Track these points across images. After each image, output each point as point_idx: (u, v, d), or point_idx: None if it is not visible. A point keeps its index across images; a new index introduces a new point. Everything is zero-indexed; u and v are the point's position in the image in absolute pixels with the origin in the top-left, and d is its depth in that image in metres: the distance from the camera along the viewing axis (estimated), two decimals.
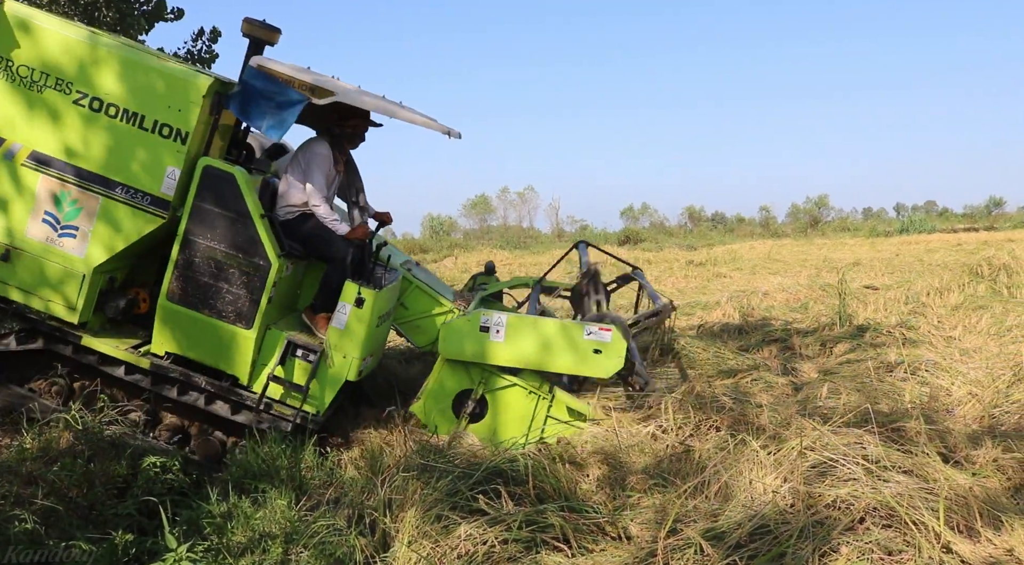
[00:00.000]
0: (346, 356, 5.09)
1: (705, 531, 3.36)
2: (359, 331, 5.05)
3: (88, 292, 5.03)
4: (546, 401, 5.23)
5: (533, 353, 5.14)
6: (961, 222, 55.32)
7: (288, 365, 5.09)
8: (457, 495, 3.75)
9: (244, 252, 4.93)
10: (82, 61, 4.88)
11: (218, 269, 4.95)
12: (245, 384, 5.13)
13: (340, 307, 5.06)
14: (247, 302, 4.96)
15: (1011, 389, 5.48)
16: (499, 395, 5.27)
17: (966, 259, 15.63)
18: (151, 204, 4.95)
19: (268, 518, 3.83)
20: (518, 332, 5.15)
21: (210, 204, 4.91)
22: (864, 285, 12.95)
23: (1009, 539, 3.24)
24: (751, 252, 25.07)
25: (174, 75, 4.89)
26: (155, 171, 4.92)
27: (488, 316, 5.17)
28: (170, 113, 4.86)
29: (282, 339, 5.08)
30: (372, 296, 5.03)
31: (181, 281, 4.97)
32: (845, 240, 33.29)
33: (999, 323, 8.05)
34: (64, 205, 4.99)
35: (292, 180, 5.32)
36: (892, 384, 5.95)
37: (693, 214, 66.37)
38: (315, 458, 4.78)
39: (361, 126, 5.52)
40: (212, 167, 4.92)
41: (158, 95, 4.86)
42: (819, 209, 63.60)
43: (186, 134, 4.86)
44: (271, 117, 4.95)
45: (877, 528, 3.35)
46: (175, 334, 5.08)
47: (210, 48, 10.40)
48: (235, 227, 4.91)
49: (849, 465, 3.74)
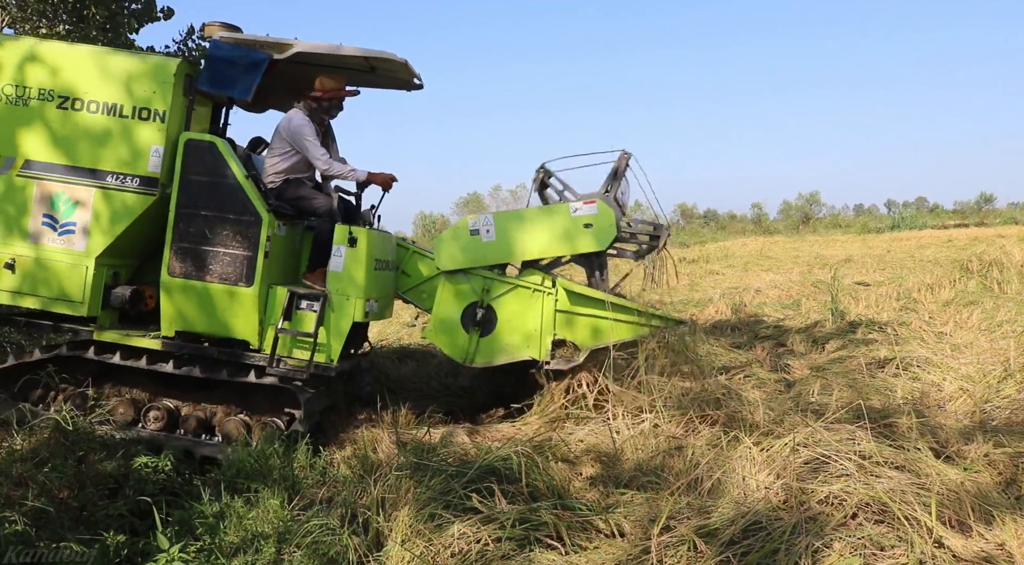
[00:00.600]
0: (349, 297, 5.22)
1: (698, 528, 3.36)
2: (357, 270, 5.21)
3: (93, 283, 5.21)
4: (552, 296, 5.25)
5: (527, 243, 5.24)
6: (952, 218, 55.56)
7: (294, 318, 5.19)
8: (450, 494, 3.74)
9: (234, 212, 5.15)
10: (60, 69, 5.25)
11: (212, 234, 5.15)
12: (256, 347, 5.24)
13: (335, 251, 5.25)
14: (244, 261, 5.13)
15: (1002, 384, 5.50)
16: (504, 301, 5.32)
17: (957, 255, 15.70)
18: (141, 185, 5.20)
19: (261, 518, 3.81)
20: (507, 227, 5.26)
21: (196, 174, 5.17)
22: (856, 281, 12.99)
23: (1000, 533, 3.26)
24: (743, 249, 25.12)
25: (144, 63, 5.24)
26: (140, 153, 5.19)
27: (475, 218, 5.29)
28: (146, 97, 5.18)
29: (284, 293, 5.18)
30: (363, 233, 5.23)
31: (179, 254, 5.17)
32: (837, 237, 33.38)
33: (990, 318, 8.08)
34: (60, 204, 5.24)
35: (275, 152, 5.56)
36: (884, 380, 5.96)
37: (685, 211, 66.52)
38: (308, 457, 4.76)
39: (335, 95, 5.67)
40: (193, 140, 5.21)
41: (133, 84, 5.20)
42: (811, 206, 63.78)
43: (164, 113, 5.17)
44: (239, 81, 5.28)
45: (869, 523, 3.36)
46: (181, 309, 5.20)
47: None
48: (222, 191, 5.16)
49: (841, 461, 3.75)
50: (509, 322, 5.31)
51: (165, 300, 5.19)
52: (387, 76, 5.92)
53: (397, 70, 5.71)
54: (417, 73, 5.75)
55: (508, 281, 5.30)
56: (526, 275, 5.33)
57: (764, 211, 64.96)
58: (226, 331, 5.22)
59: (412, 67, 5.62)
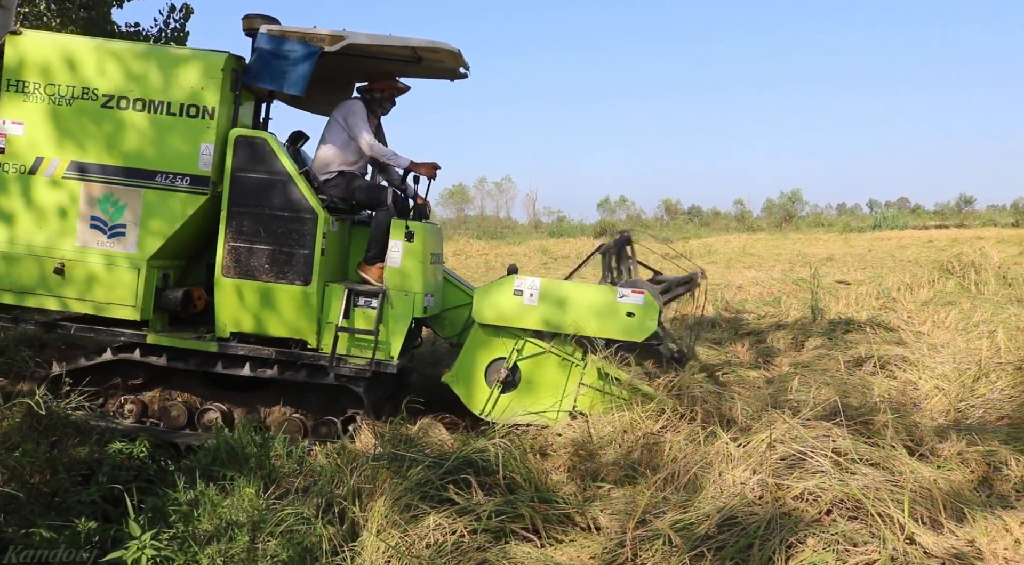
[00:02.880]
0: (408, 293, 5.21)
1: (674, 522, 3.37)
2: (415, 266, 5.21)
3: (145, 286, 5.12)
4: (579, 368, 5.19)
5: (566, 317, 5.13)
6: (932, 219, 56.09)
7: (353, 316, 5.15)
8: (427, 485, 3.73)
9: (289, 209, 5.06)
10: (102, 67, 5.12)
11: (267, 232, 5.06)
12: (314, 346, 5.18)
13: (392, 246, 5.23)
14: (301, 259, 5.05)
15: (976, 384, 5.56)
16: (532, 363, 5.25)
17: (936, 256, 15.83)
18: (192, 184, 5.09)
19: (236, 506, 3.78)
20: (551, 296, 5.15)
21: (248, 171, 5.07)
22: (837, 280, 13.09)
23: (971, 530, 3.29)
24: (726, 246, 25.25)
25: (189, 58, 5.10)
26: (190, 151, 5.08)
27: (522, 280, 5.19)
28: (193, 93, 5.06)
29: (342, 290, 5.13)
30: (421, 228, 5.24)
31: (233, 253, 5.09)
32: (819, 235, 33.61)
33: (966, 319, 8.17)
34: (108, 206, 5.14)
35: (329, 141, 5.53)
36: (862, 378, 6.01)
37: (669, 207, 66.79)
38: (285, 446, 4.73)
39: (389, 89, 5.74)
40: (243, 136, 5.10)
41: (178, 80, 5.07)
42: (793, 204, 64.20)
43: (212, 110, 5.05)
44: (290, 74, 5.14)
45: (843, 520, 3.38)
46: (237, 310, 5.13)
47: (183, 27, 10.24)
48: (276, 188, 5.06)
49: (817, 457, 3.77)
50: (531, 385, 5.23)
51: (220, 301, 5.11)
52: (432, 66, 5.86)
53: (444, 59, 5.65)
54: (466, 62, 5.67)
55: (541, 345, 5.23)
56: (560, 343, 5.23)
57: (747, 208, 65.34)
58: (283, 331, 5.15)
59: (463, 56, 5.53)
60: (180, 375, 5.37)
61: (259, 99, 5.73)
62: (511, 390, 5.23)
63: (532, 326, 5.17)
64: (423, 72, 6.03)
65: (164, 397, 5.41)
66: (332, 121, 5.60)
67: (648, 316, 5.06)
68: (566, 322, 5.11)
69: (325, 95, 6.13)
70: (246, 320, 5.13)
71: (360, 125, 5.47)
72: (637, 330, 5.08)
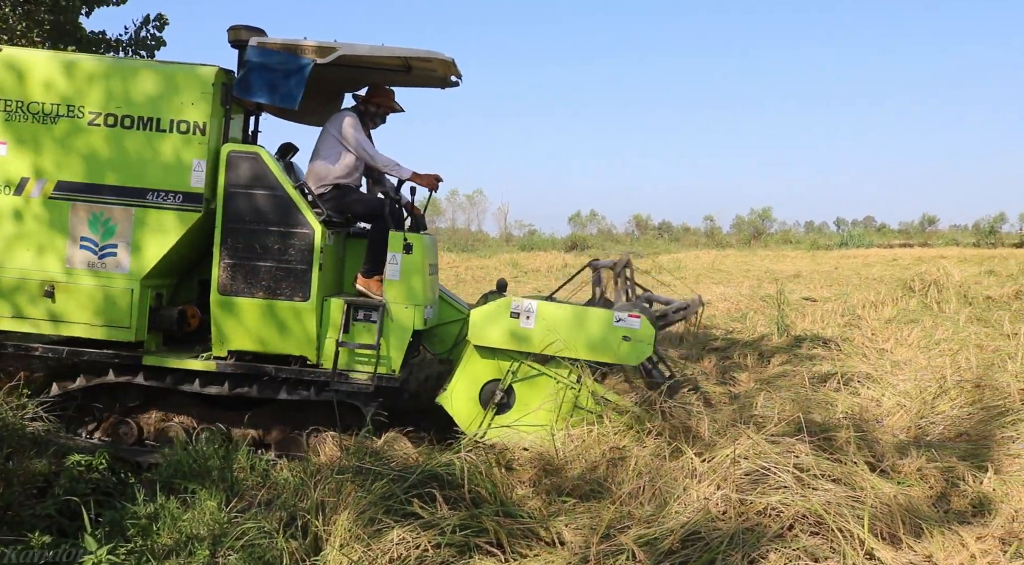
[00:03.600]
0: (407, 306, 5.14)
1: (638, 537, 3.38)
2: (414, 277, 5.16)
3: (139, 306, 5.02)
4: (574, 391, 5.15)
5: (563, 339, 5.09)
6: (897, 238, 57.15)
7: (353, 330, 5.09)
8: (391, 498, 3.71)
9: (285, 224, 4.98)
10: (88, 83, 5.00)
11: (263, 248, 4.98)
12: (314, 362, 5.11)
13: (390, 258, 5.17)
14: (299, 274, 4.98)
15: (937, 400, 5.65)
16: (526, 385, 5.20)
17: (901, 274, 16.12)
18: (184, 201, 5.00)
19: (196, 519, 3.72)
20: (548, 318, 5.11)
21: (242, 187, 4.98)
22: (803, 297, 13.24)
23: (929, 546, 3.34)
24: (695, 261, 25.49)
25: (177, 73, 5.00)
26: (181, 168, 4.98)
27: (519, 302, 5.15)
28: (183, 109, 4.96)
29: (341, 305, 5.08)
30: (419, 239, 5.19)
31: (229, 271, 4.99)
32: (787, 252, 34.05)
33: (928, 336, 8.30)
34: (99, 226, 5.02)
35: (323, 154, 5.47)
36: (825, 395, 6.08)
37: (640, 222, 67.26)
38: (248, 459, 4.67)
39: (385, 105, 5.69)
40: (236, 151, 5.00)
41: (167, 95, 4.97)
42: (763, 221, 64.98)
43: (204, 125, 4.96)
44: (282, 88, 5.06)
45: (805, 535, 3.42)
46: (234, 329, 5.04)
47: (157, 35, 10.13)
48: (271, 202, 4.98)
49: (781, 473, 3.80)
50: (526, 407, 5.17)
51: (217, 319, 5.01)
52: (422, 75, 5.84)
53: (436, 68, 5.61)
54: (459, 71, 5.63)
55: (536, 367, 5.19)
56: (555, 366, 5.19)
57: (717, 224, 66.07)
58: (282, 348, 5.07)
59: (456, 65, 5.47)
60: (174, 395, 5.26)
61: (247, 112, 5.67)
62: (505, 412, 5.19)
63: (528, 348, 5.13)
64: (413, 81, 6.00)
65: (160, 419, 5.31)
66: (326, 133, 5.53)
67: (644, 341, 5.05)
68: (562, 345, 5.08)
69: (314, 106, 6.07)
70: (244, 338, 5.04)
71: (359, 137, 5.42)
72: (632, 354, 5.07)
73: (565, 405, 5.09)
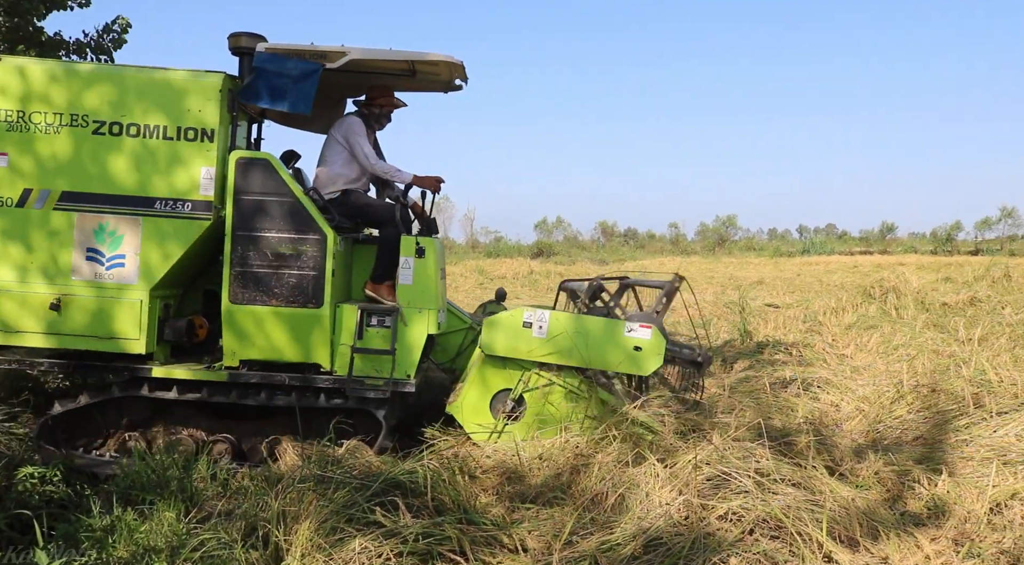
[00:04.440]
0: (421, 310, 5.12)
1: (600, 544, 3.39)
2: (428, 281, 5.14)
3: (148, 317, 4.93)
4: (585, 400, 5.17)
5: (575, 350, 5.09)
6: (858, 245, 58.18)
7: (367, 336, 5.05)
8: (353, 507, 3.68)
9: (297, 231, 4.94)
10: (91, 92, 4.92)
11: (275, 255, 4.93)
12: (328, 369, 5.05)
13: (403, 263, 5.14)
14: (312, 281, 4.93)
15: (894, 405, 5.75)
16: (537, 394, 5.19)
17: (861, 280, 16.37)
18: (194, 209, 4.93)
19: (154, 531, 3.66)
20: (561, 329, 5.11)
21: (252, 194, 4.93)
22: (766, 303, 13.41)
23: (885, 548, 3.40)
24: (660, 268, 25.68)
25: (185, 80, 4.93)
26: (190, 176, 4.92)
27: (531, 312, 5.15)
28: (191, 116, 4.90)
29: (354, 311, 5.03)
30: (431, 243, 5.18)
31: (240, 279, 4.93)
32: (751, 259, 34.50)
33: (887, 342, 8.45)
34: (106, 236, 4.94)
35: (330, 160, 5.46)
36: (786, 400, 6.16)
37: (606, 229, 67.63)
38: (208, 468, 4.61)
39: (388, 105, 5.67)
40: (244, 158, 4.95)
41: (174, 102, 4.91)
42: (727, 228, 65.71)
43: (212, 132, 4.90)
44: (292, 93, 5.03)
45: (765, 539, 3.46)
46: (246, 338, 4.96)
47: (120, 38, 9.99)
48: (281, 209, 4.94)
49: (741, 478, 3.84)
50: (537, 415, 5.18)
51: (228, 329, 4.93)
52: (427, 79, 5.82)
53: (441, 72, 5.60)
54: (465, 74, 5.62)
55: (546, 376, 5.20)
56: (566, 375, 5.21)
57: (682, 232, 66.70)
58: (296, 356, 4.99)
59: (464, 68, 5.47)
60: (184, 407, 5.18)
61: (250, 120, 5.62)
62: (516, 421, 5.17)
63: (540, 358, 5.14)
64: (417, 85, 5.99)
65: (168, 432, 5.21)
66: (331, 139, 5.52)
67: (655, 350, 5.08)
68: (574, 355, 5.10)
69: (317, 112, 5.99)
70: (256, 347, 4.97)
71: (361, 143, 5.41)
72: (644, 364, 5.10)
73: (576, 414, 5.11)
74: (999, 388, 5.74)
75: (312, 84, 5.03)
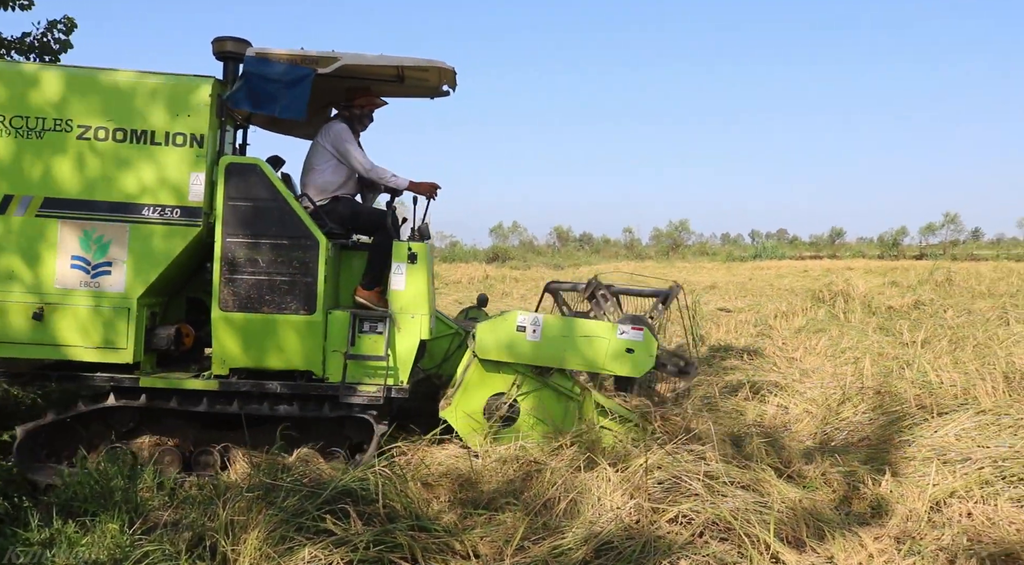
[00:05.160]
0: (414, 315, 5.06)
1: (552, 549, 3.41)
2: (420, 287, 5.08)
3: (136, 326, 4.80)
4: (578, 402, 5.18)
5: (569, 352, 5.11)
6: (808, 250, 59.35)
7: (359, 343, 4.99)
8: (303, 515, 3.63)
9: (289, 237, 4.88)
10: (74, 95, 4.78)
11: (266, 262, 4.86)
12: (320, 376, 4.97)
13: (395, 269, 5.08)
14: (304, 287, 4.87)
15: (841, 407, 5.87)
16: (531, 397, 5.19)
17: (811, 285, 16.69)
18: (183, 216, 4.83)
19: (96, 544, 3.56)
20: (554, 332, 5.12)
21: (242, 199, 4.84)
22: (718, 307, 13.60)
23: (831, 547, 3.47)
24: (615, 273, 25.84)
25: (173, 84, 4.84)
26: (179, 182, 4.82)
27: (525, 316, 5.14)
28: (179, 121, 4.81)
29: (346, 317, 4.97)
30: (423, 248, 5.14)
31: (231, 286, 4.83)
32: (704, 264, 34.93)
33: (835, 345, 8.63)
34: (91, 244, 4.80)
35: (318, 166, 5.40)
36: (736, 404, 6.25)
37: (561, 234, 67.95)
38: (154, 478, 4.51)
39: (369, 105, 5.62)
40: (235, 163, 4.88)
41: (162, 107, 4.81)
42: (680, 233, 66.49)
43: (201, 137, 4.82)
44: (284, 98, 4.96)
45: (715, 541, 3.50)
46: (237, 345, 4.85)
47: (65, 39, 9.73)
48: (273, 215, 4.87)
49: (692, 481, 3.89)
50: (530, 419, 5.17)
51: (218, 337, 4.81)
52: (415, 85, 5.77)
53: (430, 78, 5.56)
54: (455, 80, 5.58)
55: (539, 380, 5.20)
56: (559, 378, 5.22)
57: (636, 236, 67.35)
58: (287, 363, 4.90)
59: (454, 74, 5.44)
60: (171, 417, 5.05)
61: (235, 125, 5.52)
62: (510, 425, 5.16)
63: (534, 362, 5.14)
64: (405, 91, 5.93)
65: (154, 443, 5.05)
66: (318, 146, 5.44)
67: (647, 352, 5.14)
68: (568, 358, 5.12)
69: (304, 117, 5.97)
70: (247, 355, 4.87)
71: (352, 150, 5.36)
72: (637, 366, 5.15)
73: (569, 416, 5.13)
74: (939, 390, 5.90)
75: (305, 89, 4.98)
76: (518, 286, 19.54)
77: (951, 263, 25.89)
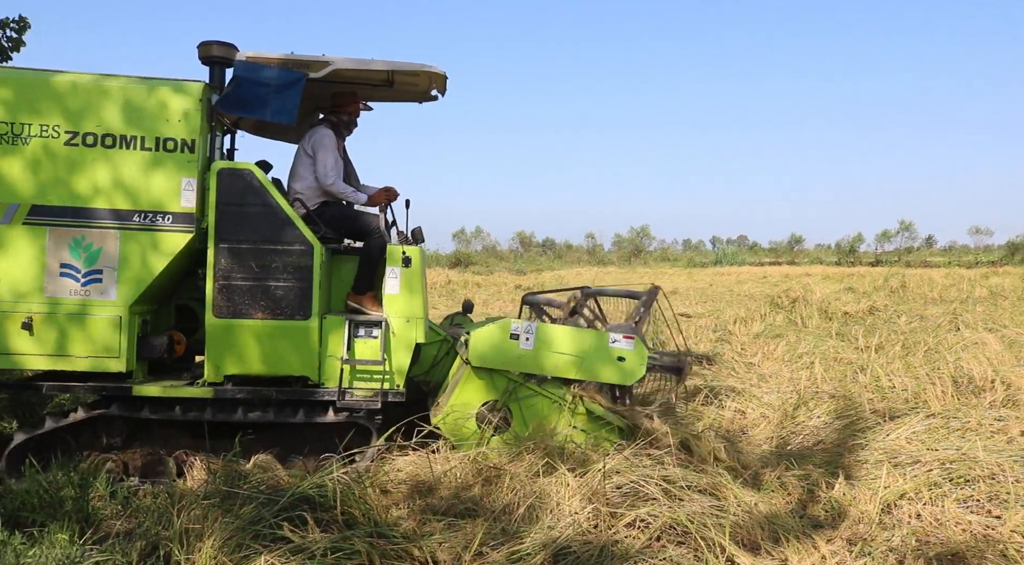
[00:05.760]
0: (409, 319, 5.04)
1: (510, 554, 3.41)
2: (414, 291, 5.07)
3: (128, 334, 4.73)
4: (570, 410, 5.17)
5: (562, 361, 5.12)
6: (768, 256, 60.23)
7: (355, 347, 4.96)
8: (260, 523, 3.58)
9: (283, 242, 4.84)
10: (62, 101, 4.68)
11: (260, 268, 4.81)
12: (316, 382, 4.90)
13: (389, 273, 5.07)
14: (298, 292, 4.84)
15: (797, 412, 5.97)
16: (523, 405, 5.17)
17: (770, 291, 16.97)
18: (175, 222, 4.75)
19: (44, 554, 3.48)
20: (547, 340, 5.12)
21: (235, 205, 4.80)
22: (679, 313, 13.73)
23: (785, 550, 3.51)
24: (577, 278, 26.00)
25: (163, 89, 4.76)
26: (170, 187, 4.74)
27: (518, 324, 5.14)
28: (170, 126, 4.73)
29: (342, 322, 4.93)
30: (416, 252, 5.13)
31: (225, 292, 4.76)
32: (665, 269, 35.28)
33: (792, 350, 8.78)
34: (81, 251, 4.71)
35: (303, 173, 5.34)
36: (694, 408, 6.32)
37: (524, 239, 68.11)
38: (107, 487, 4.42)
39: (355, 111, 5.58)
40: (226, 168, 4.82)
41: (152, 112, 4.73)
42: (641, 239, 67.03)
43: (192, 142, 4.75)
44: (274, 103, 4.90)
45: (672, 545, 3.53)
46: (231, 352, 4.78)
47: (17, 38, 9.50)
48: (266, 220, 4.83)
49: (649, 486, 3.92)
50: (523, 426, 5.15)
51: (212, 344, 4.73)
52: (404, 89, 5.72)
53: (419, 82, 5.52)
54: (445, 86, 5.51)
55: (532, 388, 5.18)
56: (552, 386, 5.21)
57: (599, 242, 67.76)
58: (282, 369, 4.83)
59: (445, 79, 5.40)
60: (161, 427, 4.95)
61: (224, 129, 5.44)
62: (502, 433, 5.14)
63: (527, 370, 5.14)
64: (394, 95, 5.90)
65: (146, 452, 4.95)
66: (302, 152, 5.38)
67: (638, 361, 5.17)
68: (560, 366, 5.13)
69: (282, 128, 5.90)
70: (241, 361, 4.80)
71: (323, 157, 5.27)
72: (628, 374, 5.17)
73: (561, 424, 5.13)
74: (892, 394, 6.04)
75: (296, 94, 4.93)
76: (480, 291, 19.54)
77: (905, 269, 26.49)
